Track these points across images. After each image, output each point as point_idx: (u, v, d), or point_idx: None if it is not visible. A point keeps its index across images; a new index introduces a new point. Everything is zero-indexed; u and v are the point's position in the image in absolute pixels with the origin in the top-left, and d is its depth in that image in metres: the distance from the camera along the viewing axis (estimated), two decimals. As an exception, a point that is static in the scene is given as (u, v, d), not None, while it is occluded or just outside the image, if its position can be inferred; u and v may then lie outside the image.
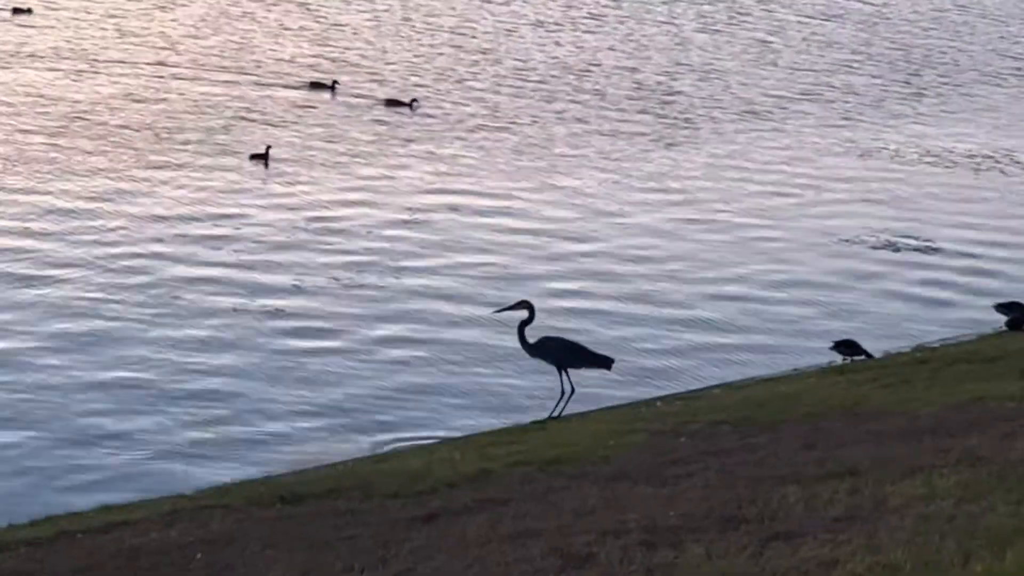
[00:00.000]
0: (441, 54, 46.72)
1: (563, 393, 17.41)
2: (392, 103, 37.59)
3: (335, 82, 38.89)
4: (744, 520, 9.95)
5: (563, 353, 17.69)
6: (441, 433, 17.73)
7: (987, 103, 46.17)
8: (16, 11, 46.72)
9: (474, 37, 49.96)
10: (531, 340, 17.77)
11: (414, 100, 37.70)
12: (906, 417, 14.13)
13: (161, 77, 39.53)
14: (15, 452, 16.74)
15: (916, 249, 28.88)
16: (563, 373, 17.54)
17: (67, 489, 15.65)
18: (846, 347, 20.73)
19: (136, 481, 15.93)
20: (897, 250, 28.72)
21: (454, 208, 29.23)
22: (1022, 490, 10.14)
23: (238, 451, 17.12)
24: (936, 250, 28.93)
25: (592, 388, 18.67)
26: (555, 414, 17.34)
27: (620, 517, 10.29)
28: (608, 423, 15.81)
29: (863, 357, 20.50)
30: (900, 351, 21.42)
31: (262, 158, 31.29)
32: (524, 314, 17.82)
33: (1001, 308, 22.63)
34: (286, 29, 48.27)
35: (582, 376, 18.06)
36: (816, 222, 30.57)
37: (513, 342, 18.32)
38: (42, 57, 41.00)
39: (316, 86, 38.77)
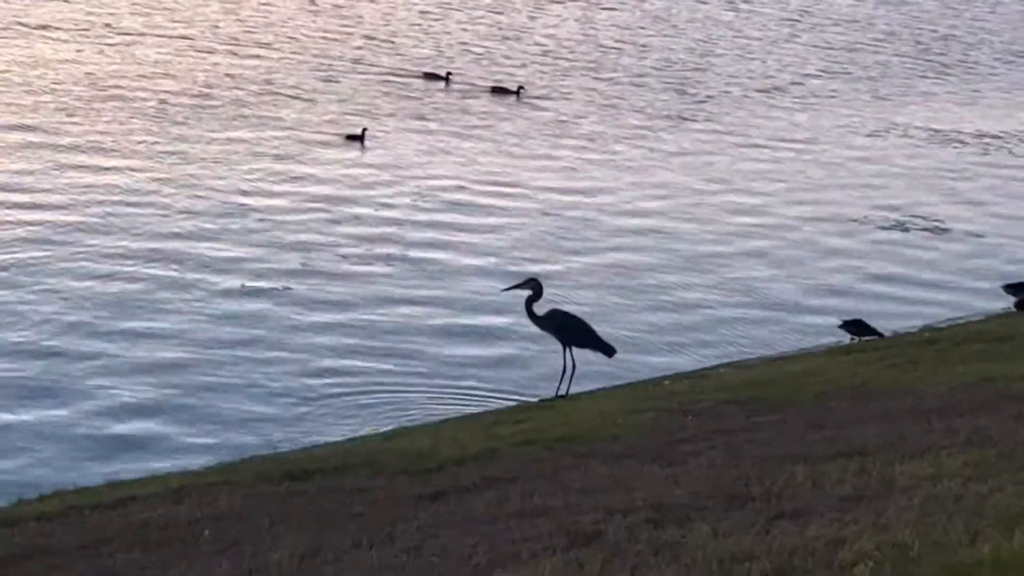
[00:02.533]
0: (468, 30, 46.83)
1: (565, 369, 17.40)
2: (498, 91, 37.71)
3: (449, 73, 39.17)
4: (751, 499, 9.95)
5: (568, 329, 17.65)
6: (448, 412, 17.75)
7: (1012, 82, 46.08)
8: None
9: (505, 15, 49.94)
10: (540, 312, 17.77)
11: (521, 88, 37.80)
12: (914, 397, 14.12)
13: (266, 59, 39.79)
14: (24, 428, 16.77)
15: (925, 229, 28.86)
16: (566, 349, 17.53)
17: (75, 465, 15.67)
18: (854, 326, 20.71)
19: (145, 457, 15.97)
20: (906, 230, 28.69)
21: (462, 188, 29.24)
22: (1030, 471, 10.14)
23: (246, 427, 17.14)
24: (945, 230, 28.90)
25: (600, 367, 18.66)
26: (561, 392, 17.34)
27: (627, 495, 10.29)
28: (616, 402, 15.81)
29: (871, 336, 20.48)
30: (908, 331, 21.40)
31: (358, 139, 31.38)
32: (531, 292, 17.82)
33: (1009, 289, 22.60)
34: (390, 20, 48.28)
35: (591, 354, 18.04)
36: (827, 201, 30.54)
37: (521, 321, 18.32)
38: (104, 34, 40.90)
39: (430, 76, 39.19)
